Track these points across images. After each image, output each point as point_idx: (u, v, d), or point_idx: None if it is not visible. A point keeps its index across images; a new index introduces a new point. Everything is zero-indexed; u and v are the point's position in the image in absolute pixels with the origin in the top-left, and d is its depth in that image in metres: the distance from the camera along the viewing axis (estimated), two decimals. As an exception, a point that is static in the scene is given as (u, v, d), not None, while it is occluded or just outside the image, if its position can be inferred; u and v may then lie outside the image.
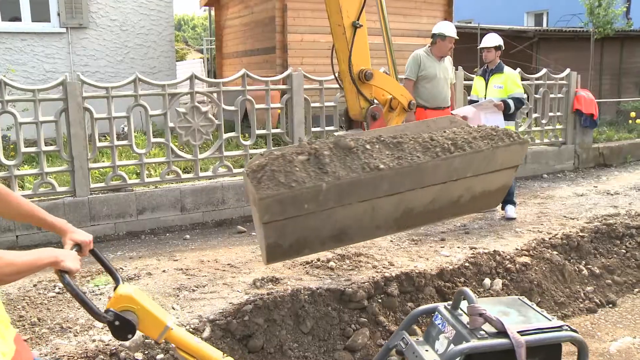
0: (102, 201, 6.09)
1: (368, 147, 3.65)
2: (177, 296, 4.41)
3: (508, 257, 5.00)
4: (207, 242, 5.93)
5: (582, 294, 4.94)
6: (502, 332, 2.28)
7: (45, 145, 6.01)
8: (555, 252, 5.21)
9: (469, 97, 7.63)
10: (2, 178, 5.76)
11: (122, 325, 2.09)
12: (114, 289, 2.19)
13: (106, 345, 3.59)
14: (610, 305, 4.88)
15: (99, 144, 6.16)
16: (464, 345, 2.29)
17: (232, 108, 6.69)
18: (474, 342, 2.28)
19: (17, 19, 10.78)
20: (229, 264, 5.15)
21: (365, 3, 4.52)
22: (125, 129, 7.19)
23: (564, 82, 9.61)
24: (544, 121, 9.42)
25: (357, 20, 4.52)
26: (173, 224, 6.42)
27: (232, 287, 4.57)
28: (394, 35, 5.31)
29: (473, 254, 5.11)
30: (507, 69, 6.88)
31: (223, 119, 6.68)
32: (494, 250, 5.15)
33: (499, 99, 6.60)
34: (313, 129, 7.25)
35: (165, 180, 6.49)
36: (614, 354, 4.10)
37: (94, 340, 3.66)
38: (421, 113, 6.62)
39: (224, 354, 2.37)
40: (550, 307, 4.70)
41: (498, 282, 4.69)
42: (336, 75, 5.01)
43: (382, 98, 4.93)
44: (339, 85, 5.01)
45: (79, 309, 4.05)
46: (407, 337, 2.64)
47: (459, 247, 5.53)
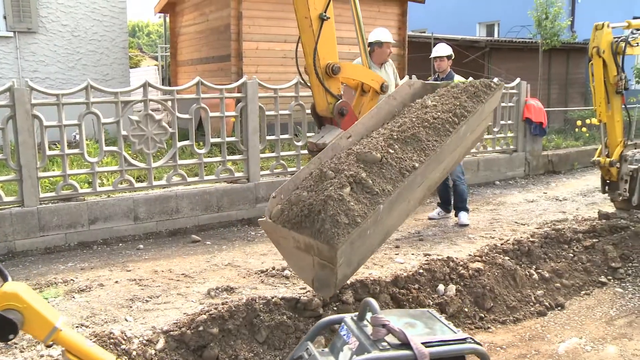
0: (52, 211, 5.94)
1: (391, 151, 3.79)
2: (130, 307, 4.33)
3: (461, 263, 5.08)
4: (161, 252, 5.85)
5: (532, 298, 5.05)
6: (405, 344, 2.23)
7: (-8, 154, 5.84)
8: (507, 258, 5.32)
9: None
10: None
11: (0, 325, 1.93)
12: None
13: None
14: (559, 308, 5.00)
15: (49, 153, 6.01)
16: (364, 356, 2.23)
17: (186, 116, 6.63)
18: (374, 354, 2.22)
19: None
20: (183, 274, 5.09)
21: None
22: (77, 137, 7.03)
23: (514, 91, 9.86)
24: (495, 129, 9.64)
25: (325, 13, 4.46)
26: (126, 233, 6.31)
27: (187, 297, 4.52)
28: (349, 44, 5.35)
29: (427, 260, 5.17)
30: (457, 76, 7.04)
31: (177, 127, 6.61)
32: (448, 257, 5.22)
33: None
34: (268, 137, 7.24)
35: (118, 189, 6.38)
36: (562, 354, 4.21)
37: (42, 356, 3.56)
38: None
39: (117, 357, 2.27)
40: (503, 312, 4.79)
41: (452, 288, 4.76)
42: (301, 71, 4.95)
43: (353, 82, 4.90)
44: (303, 82, 4.95)
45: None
46: (312, 348, 2.57)
47: (413, 254, 5.59)
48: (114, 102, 6.25)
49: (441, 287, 4.78)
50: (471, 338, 2.37)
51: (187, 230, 6.58)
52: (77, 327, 3.95)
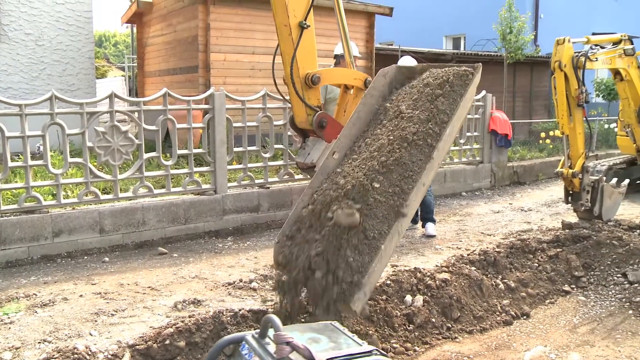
0: (14, 224, 5.81)
1: (377, 185, 3.74)
2: (95, 321, 4.26)
3: (428, 273, 5.12)
4: (127, 265, 5.77)
5: (499, 308, 5.11)
6: None
7: (-48, 166, 5.70)
8: (473, 268, 5.37)
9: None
10: None
11: None
12: None
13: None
14: (525, 317, 5.07)
15: (11, 164, 5.88)
16: None
17: (153, 127, 6.57)
18: None
19: None
20: (149, 287, 5.02)
21: (313, 3, 4.33)
22: (41, 148, 6.91)
23: (480, 103, 10.02)
24: (462, 141, 9.78)
25: (305, 21, 4.35)
26: (91, 246, 6.21)
27: (153, 310, 4.46)
28: (318, 56, 5.32)
29: (394, 271, 5.20)
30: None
31: (144, 139, 6.54)
32: (415, 268, 5.26)
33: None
34: (235, 148, 7.22)
35: (83, 202, 6.27)
36: (528, 364, 4.27)
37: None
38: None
39: None
40: (470, 321, 4.84)
41: (419, 299, 4.79)
42: (278, 82, 4.82)
43: (336, 82, 4.80)
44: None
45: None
46: None
47: (381, 265, 5.61)
48: (79, 113, 6.16)
49: (408, 298, 4.80)
50: (377, 350, 2.34)
51: (154, 243, 6.51)
52: (39, 343, 3.87)
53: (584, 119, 6.81)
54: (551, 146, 13.23)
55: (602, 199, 6.94)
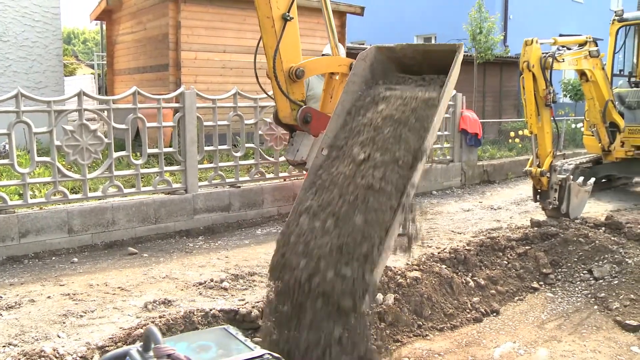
0: (-21, 224, 5.69)
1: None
2: (63, 323, 4.19)
3: (399, 272, 5.15)
4: (97, 265, 5.69)
5: (469, 305, 5.17)
6: None
7: None
8: (444, 266, 5.43)
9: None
10: None
11: None
12: None
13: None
14: (494, 314, 5.14)
15: (-25, 163, 5.77)
16: None
17: (122, 126, 6.50)
18: None
19: None
20: (119, 287, 4.96)
21: None
22: (7, 147, 6.77)
23: (450, 102, 10.11)
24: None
25: (288, 13, 4.23)
26: (60, 247, 6.10)
27: (123, 311, 4.41)
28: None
29: (366, 269, 5.21)
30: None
31: (113, 138, 6.46)
32: (386, 266, 5.28)
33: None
34: (206, 147, 7.17)
35: (51, 201, 6.17)
36: (497, 359, 4.33)
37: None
38: (309, 132, 6.74)
39: None
40: (440, 319, 4.89)
41: (390, 297, 4.82)
42: (260, 79, 4.67)
43: (321, 71, 4.69)
44: (262, 90, 4.57)
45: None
46: None
47: (353, 264, 5.62)
48: (46, 111, 6.05)
49: (380, 296, 4.83)
50: (269, 353, 2.31)
51: (124, 243, 6.43)
52: (4, 346, 3.79)
53: (552, 118, 6.92)
54: (520, 145, 13.42)
55: (569, 197, 7.07)
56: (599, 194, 9.50)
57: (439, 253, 5.78)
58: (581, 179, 7.78)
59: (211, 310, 4.19)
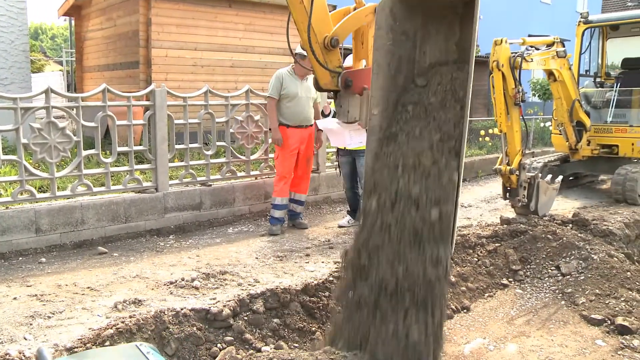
0: (-57, 224, 5.56)
1: None
2: (30, 325, 4.12)
3: (371, 269, 5.17)
4: (65, 265, 5.61)
5: (439, 302, 5.22)
6: None
7: None
8: (414, 263, 5.47)
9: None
10: None
11: None
12: None
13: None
14: (465, 311, 5.21)
15: (-61, 162, 5.63)
16: None
17: (92, 124, 6.40)
18: None
19: None
20: (88, 287, 4.90)
21: None
22: (-29, 145, 6.63)
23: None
24: (404, 138, 9.90)
25: None
26: (27, 247, 5.99)
27: (92, 311, 4.35)
28: (261, 52, 5.24)
29: (337, 268, 5.23)
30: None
31: (82, 136, 6.37)
32: (358, 265, 5.31)
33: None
34: (177, 146, 7.12)
35: (18, 200, 6.05)
36: (467, 355, 4.39)
37: None
38: (283, 131, 6.75)
39: None
40: (411, 316, 4.93)
41: (362, 294, 4.84)
42: (293, 48, 4.75)
43: (353, 30, 4.68)
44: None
45: None
46: None
47: (323, 262, 5.65)
48: (12, 108, 5.93)
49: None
50: None
51: (93, 242, 6.34)
52: (-30, 347, 3.72)
53: (521, 117, 7.03)
54: (490, 144, 13.58)
55: (537, 195, 7.19)
56: (566, 191, 9.68)
57: (410, 250, 5.82)
58: (549, 176, 7.91)
59: (182, 309, 4.17)
